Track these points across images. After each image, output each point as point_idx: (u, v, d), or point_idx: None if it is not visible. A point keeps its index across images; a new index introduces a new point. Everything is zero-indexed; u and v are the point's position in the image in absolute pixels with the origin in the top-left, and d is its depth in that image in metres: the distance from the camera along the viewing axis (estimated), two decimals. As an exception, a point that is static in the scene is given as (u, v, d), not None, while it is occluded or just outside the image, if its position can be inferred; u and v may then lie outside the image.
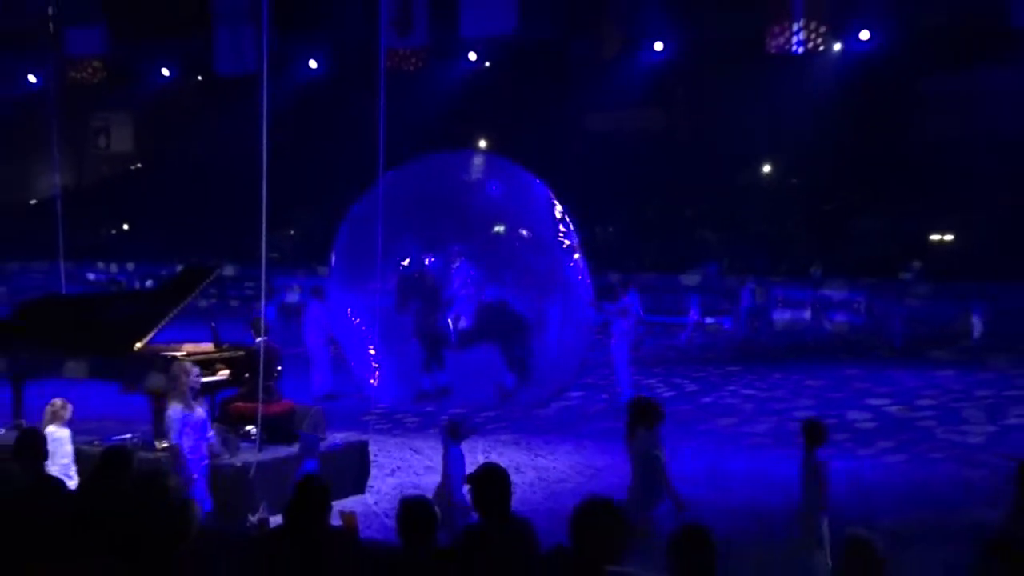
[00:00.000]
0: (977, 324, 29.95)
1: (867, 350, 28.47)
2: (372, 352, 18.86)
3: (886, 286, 33.59)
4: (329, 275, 20.89)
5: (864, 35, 32.30)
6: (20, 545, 5.11)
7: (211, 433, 12.22)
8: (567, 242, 19.60)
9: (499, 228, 19.37)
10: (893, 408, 20.42)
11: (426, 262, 19.37)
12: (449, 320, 18.38)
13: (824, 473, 10.60)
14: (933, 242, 37.57)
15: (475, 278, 18.71)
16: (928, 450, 17.12)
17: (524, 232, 19.41)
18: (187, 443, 11.34)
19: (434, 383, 19.15)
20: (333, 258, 20.16)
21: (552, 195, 19.75)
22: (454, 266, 18.93)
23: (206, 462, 11.71)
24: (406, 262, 19.22)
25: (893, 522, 12.35)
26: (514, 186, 20.21)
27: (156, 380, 13.71)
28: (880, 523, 11.31)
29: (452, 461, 11.19)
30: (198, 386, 11.89)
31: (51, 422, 12.11)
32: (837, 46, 31.47)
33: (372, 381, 19.10)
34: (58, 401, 12.50)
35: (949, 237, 37.56)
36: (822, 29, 23.89)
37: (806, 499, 10.52)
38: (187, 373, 11.78)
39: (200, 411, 11.77)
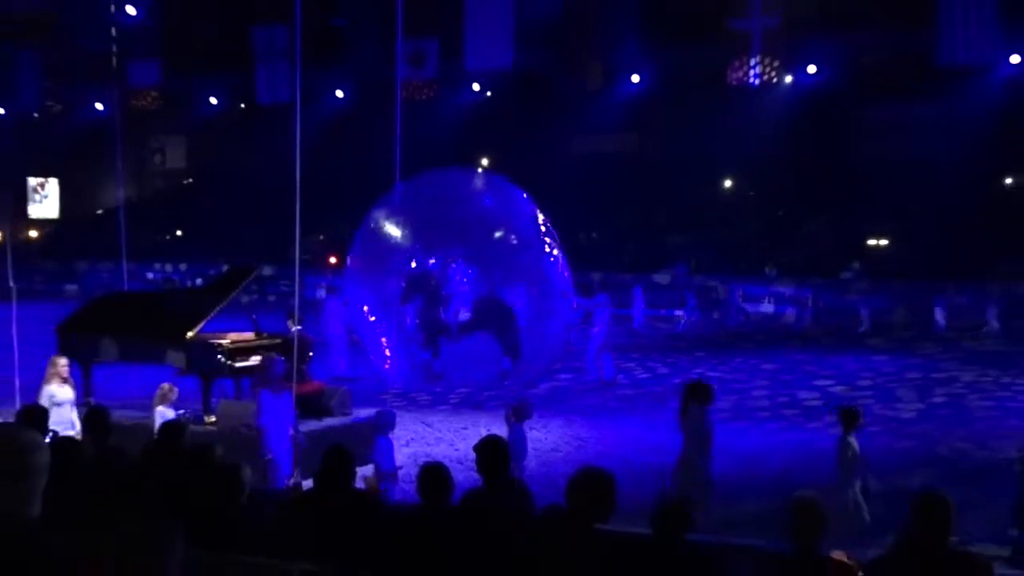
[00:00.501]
0: (900, 313, 30.02)
1: (813, 338, 28.47)
2: (384, 342, 18.81)
3: (829, 284, 33.67)
4: (346, 273, 20.83)
5: (811, 69, 32.35)
6: (87, 509, 5.08)
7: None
8: (548, 245, 19.65)
9: (498, 233, 19.40)
10: (836, 388, 20.40)
11: (430, 263, 19.38)
12: (453, 313, 18.34)
13: (856, 451, 10.45)
14: (870, 246, 37.56)
15: (470, 276, 18.70)
16: (866, 424, 17.07)
17: (512, 238, 19.44)
18: (272, 423, 11.35)
19: (435, 366, 19.18)
20: (349, 260, 20.17)
21: (535, 206, 19.75)
22: (452, 266, 18.94)
23: (289, 441, 11.67)
24: (412, 264, 19.24)
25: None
26: (503, 198, 20.23)
27: (209, 366, 13.73)
28: (825, 485, 11.26)
29: (516, 440, 11.07)
30: (283, 373, 11.87)
31: (160, 403, 12.12)
32: (788, 79, 31.49)
33: (385, 365, 19.06)
34: (166, 385, 12.51)
35: (884, 242, 37.56)
36: (776, 64, 23.86)
37: (841, 474, 10.38)
38: (273, 363, 11.81)
39: (286, 396, 11.75)
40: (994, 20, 22.63)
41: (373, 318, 18.03)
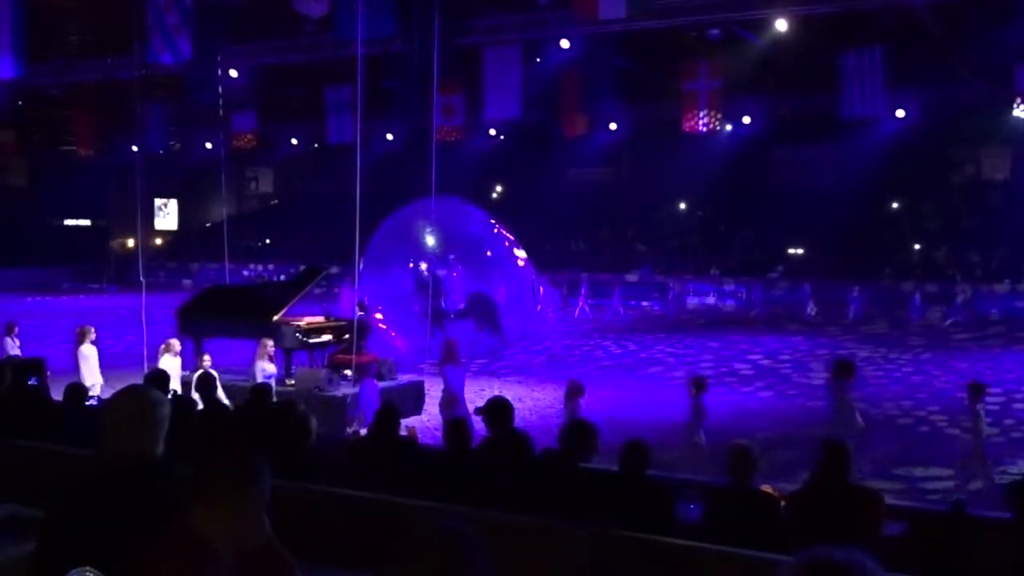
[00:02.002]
0: (812, 306, 29.93)
1: (746, 323, 28.41)
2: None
3: (758, 281, 33.61)
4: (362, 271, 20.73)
5: (746, 120, 32.25)
6: (197, 451, 5.09)
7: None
8: (518, 256, 19.78)
9: (488, 253, 19.65)
10: (764, 361, 20.36)
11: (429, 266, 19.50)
12: (451, 303, 18.28)
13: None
14: (790, 253, 37.45)
15: (462, 274, 18.66)
16: (787, 389, 17.07)
17: (488, 252, 19.59)
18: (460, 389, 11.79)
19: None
20: (362, 263, 20.13)
21: (503, 229, 19.87)
22: (450, 267, 18.95)
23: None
24: (421, 265, 19.31)
25: (764, 435, 12.30)
26: (483, 224, 20.43)
27: (290, 340, 13.74)
28: (755, 436, 11.25)
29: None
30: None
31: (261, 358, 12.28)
32: (728, 127, 31.36)
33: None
34: (269, 342, 12.64)
35: (800, 250, 37.44)
36: (718, 116, 23.75)
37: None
38: (457, 345, 12.03)
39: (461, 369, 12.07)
40: (883, 83, 22.52)
41: (380, 314, 17.86)
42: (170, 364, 12.63)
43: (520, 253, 19.50)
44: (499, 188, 50.45)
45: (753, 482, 5.51)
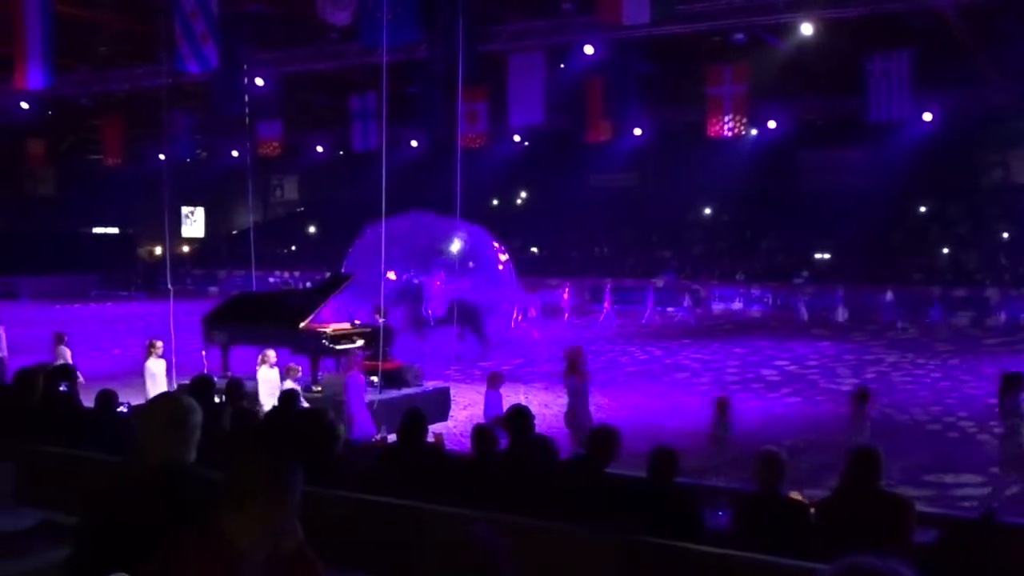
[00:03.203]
0: (843, 312, 29.73)
1: (773, 328, 28.26)
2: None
3: (784, 287, 33.43)
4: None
5: (771, 124, 32.08)
6: (227, 456, 5.11)
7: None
8: (501, 263, 19.65)
9: (471, 263, 19.68)
10: (791, 367, 20.25)
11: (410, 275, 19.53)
12: (432, 311, 18.21)
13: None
14: (816, 258, 37.23)
15: (445, 283, 18.59)
16: (814, 394, 16.97)
17: (470, 263, 19.58)
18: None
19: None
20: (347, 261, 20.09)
21: (491, 236, 19.78)
22: (434, 276, 18.90)
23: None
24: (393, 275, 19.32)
25: (791, 441, 12.23)
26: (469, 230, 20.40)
27: (316, 347, 13.80)
28: (781, 442, 11.16)
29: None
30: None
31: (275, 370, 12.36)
32: (753, 131, 31.23)
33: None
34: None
35: (827, 255, 37.21)
36: (743, 120, 23.63)
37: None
38: (585, 356, 12.22)
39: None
40: (911, 87, 22.35)
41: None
42: (156, 366, 12.76)
43: (503, 257, 19.49)
44: (523, 194, 50.49)
45: (782, 489, 5.48)
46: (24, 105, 28.10)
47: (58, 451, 5.88)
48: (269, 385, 11.97)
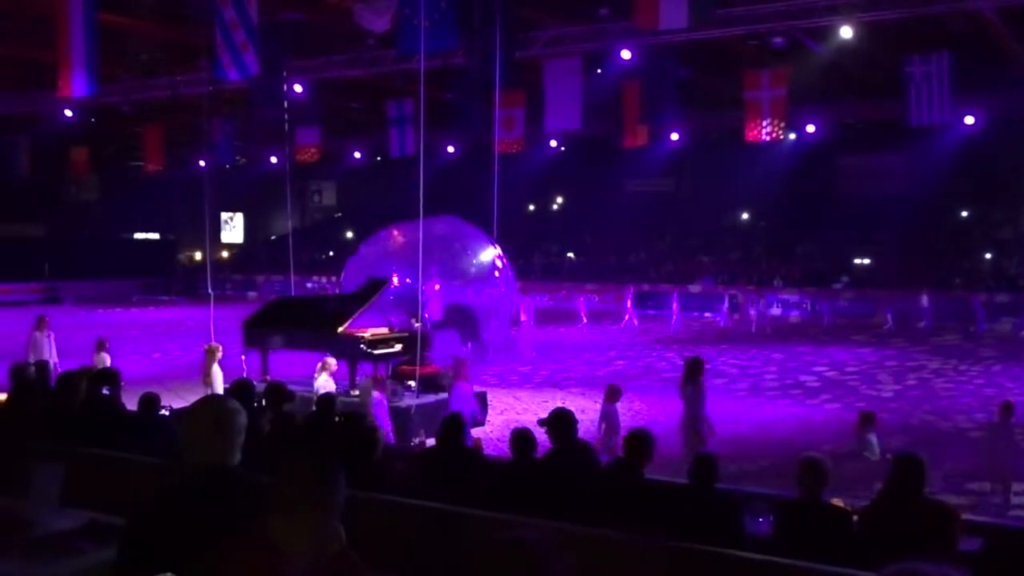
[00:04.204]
0: (888, 318, 29.38)
1: (811, 334, 28.01)
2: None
3: (823, 292, 33.14)
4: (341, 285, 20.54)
5: (810, 128, 31.78)
6: (266, 460, 5.15)
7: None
8: (498, 269, 19.45)
9: (472, 268, 19.48)
10: (830, 373, 20.05)
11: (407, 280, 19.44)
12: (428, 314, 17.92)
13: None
14: (856, 264, 36.87)
15: (443, 288, 18.33)
16: (854, 401, 16.76)
17: (472, 269, 19.38)
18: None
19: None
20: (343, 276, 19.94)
21: (493, 240, 19.54)
22: (429, 281, 18.74)
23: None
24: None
25: (831, 447, 12.09)
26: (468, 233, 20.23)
27: (355, 352, 13.84)
28: (821, 448, 11.04)
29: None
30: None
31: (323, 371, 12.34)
32: (791, 136, 30.98)
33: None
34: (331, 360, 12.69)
35: (867, 260, 36.84)
36: (781, 124, 23.43)
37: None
38: (703, 365, 11.78)
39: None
40: (951, 90, 22.07)
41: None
42: (217, 371, 12.97)
43: (500, 264, 19.37)
44: (559, 199, 50.49)
45: (824, 495, 5.42)
46: (68, 113, 28.53)
47: (104, 453, 5.96)
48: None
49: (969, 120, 28.82)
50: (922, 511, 5.12)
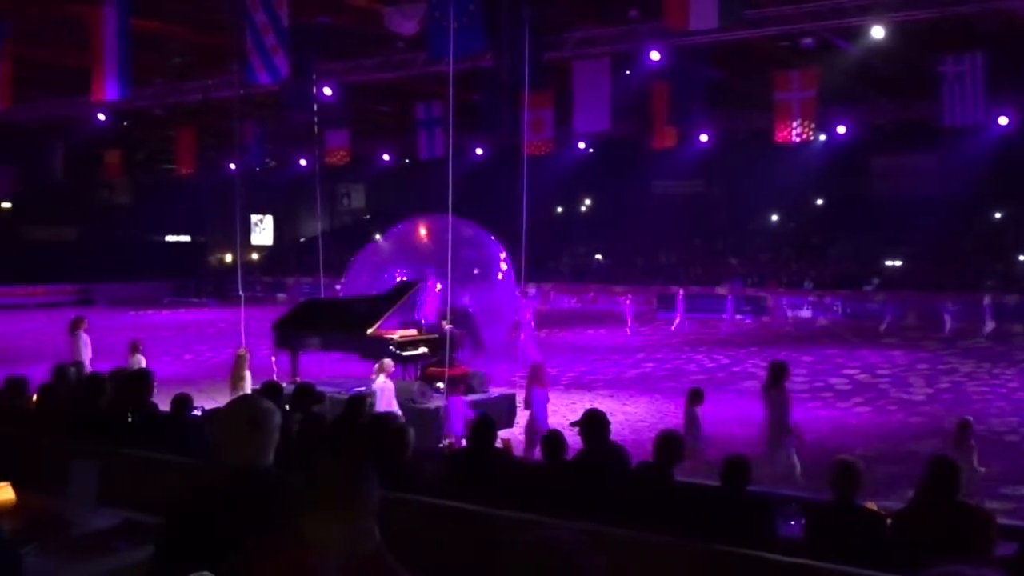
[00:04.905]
0: (948, 320, 28.82)
1: (842, 337, 27.78)
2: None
3: (854, 294, 32.89)
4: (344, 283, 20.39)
5: (841, 129, 31.48)
6: (294, 460, 5.19)
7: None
8: (502, 272, 19.28)
9: (476, 271, 19.36)
10: (861, 376, 19.89)
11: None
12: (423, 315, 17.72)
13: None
14: (887, 265, 36.55)
15: (442, 288, 18.14)
16: (885, 404, 16.64)
17: (476, 270, 19.23)
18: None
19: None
20: (344, 280, 19.79)
21: (498, 243, 19.28)
22: (428, 281, 18.62)
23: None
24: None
25: (862, 451, 12.01)
26: (478, 240, 20.07)
27: (384, 354, 13.89)
28: (853, 452, 10.96)
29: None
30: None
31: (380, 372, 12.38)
32: (822, 136, 30.72)
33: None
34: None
35: (899, 262, 36.51)
36: (812, 125, 23.26)
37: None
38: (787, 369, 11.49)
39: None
40: (984, 90, 21.81)
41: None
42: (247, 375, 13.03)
43: (503, 267, 19.26)
44: (587, 201, 50.42)
45: (857, 498, 5.39)
46: (101, 117, 28.84)
47: (138, 453, 6.02)
48: (387, 394, 12.01)
49: (1003, 121, 28.48)
50: (957, 515, 5.08)
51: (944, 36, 21.73)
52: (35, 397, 8.19)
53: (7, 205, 44.30)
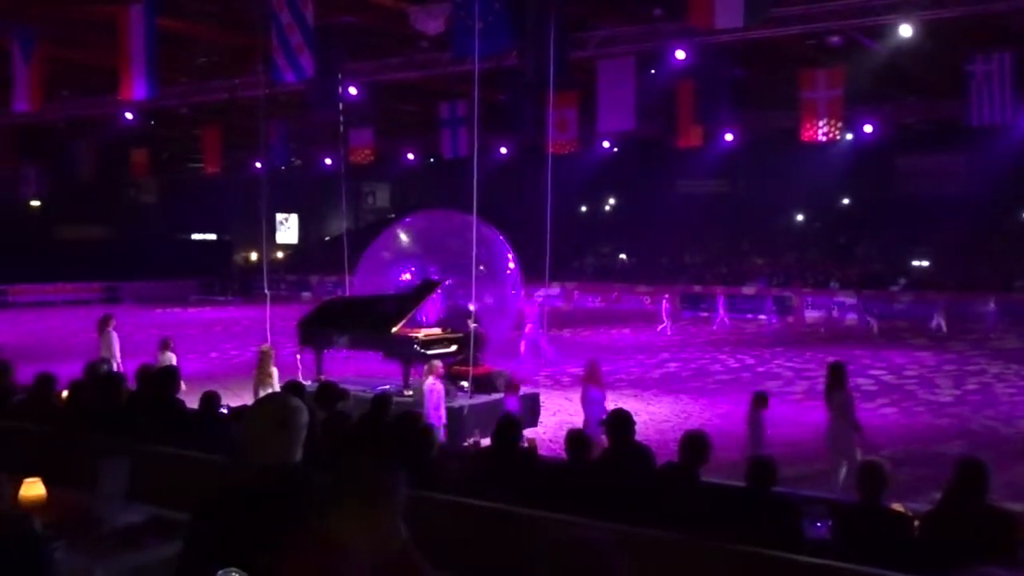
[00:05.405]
0: (941, 321, 28.80)
1: (868, 337, 27.59)
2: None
3: (880, 295, 32.65)
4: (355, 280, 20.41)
5: (868, 129, 31.20)
6: (319, 459, 5.21)
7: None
8: (509, 270, 19.16)
9: (482, 267, 19.18)
10: (887, 377, 19.74)
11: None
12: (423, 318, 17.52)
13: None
14: (914, 266, 36.26)
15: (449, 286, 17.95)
16: (912, 405, 16.51)
17: (482, 267, 19.06)
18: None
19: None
20: (356, 278, 19.78)
21: (504, 240, 19.09)
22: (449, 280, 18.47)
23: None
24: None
25: (889, 452, 11.93)
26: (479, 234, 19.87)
27: (407, 353, 13.94)
28: (879, 453, 10.88)
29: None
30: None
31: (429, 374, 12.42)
32: (849, 136, 30.47)
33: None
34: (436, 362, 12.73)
35: (925, 262, 36.21)
36: (838, 124, 23.10)
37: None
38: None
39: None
40: (1013, 89, 21.59)
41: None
42: (273, 372, 13.08)
43: (510, 265, 19.15)
44: (612, 200, 50.34)
45: (884, 500, 5.35)
46: (129, 116, 29.08)
47: (166, 450, 6.07)
48: (435, 396, 12.04)
49: (1032, 119, 28.15)
50: (986, 518, 5.04)
51: (973, 34, 21.54)
52: (66, 394, 8.27)
53: (37, 204, 44.74)
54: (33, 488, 5.17)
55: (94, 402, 7.51)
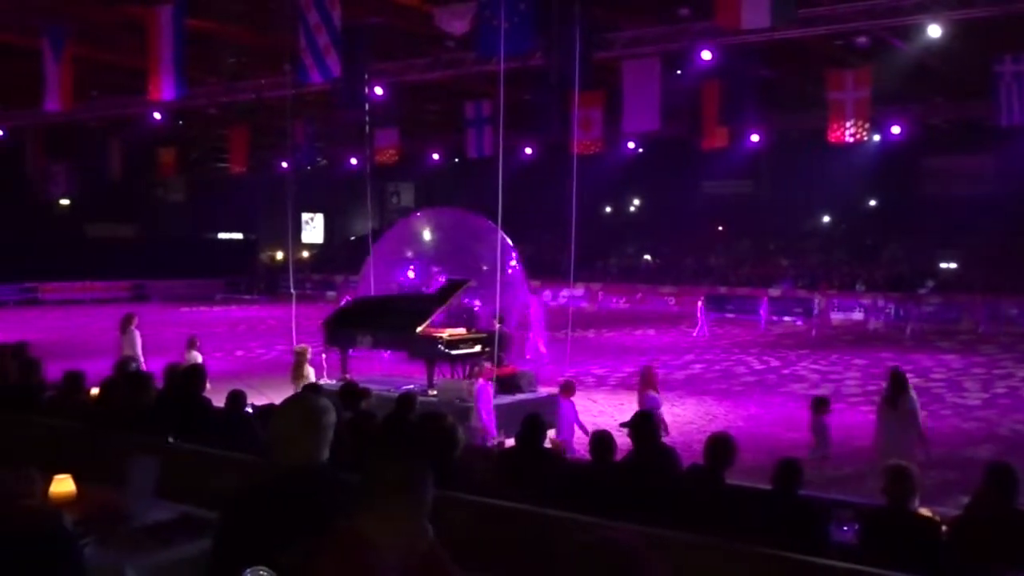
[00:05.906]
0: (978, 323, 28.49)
1: (894, 339, 27.39)
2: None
3: (907, 297, 32.40)
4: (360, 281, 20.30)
5: (895, 130, 30.93)
6: (344, 459, 5.23)
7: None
8: (511, 267, 19.02)
9: (485, 267, 19.11)
10: (914, 380, 19.47)
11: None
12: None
13: None
14: (941, 268, 35.93)
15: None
16: (939, 408, 16.34)
17: (484, 266, 18.96)
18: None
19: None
20: (362, 279, 19.73)
21: (507, 240, 18.96)
22: (435, 277, 18.37)
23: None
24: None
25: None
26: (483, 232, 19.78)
27: (432, 353, 13.97)
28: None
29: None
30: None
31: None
32: (876, 137, 30.23)
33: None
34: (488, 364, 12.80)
35: (953, 265, 35.87)
36: (866, 125, 22.94)
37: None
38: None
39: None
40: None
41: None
42: (309, 372, 13.14)
43: (513, 264, 19.05)
44: (636, 201, 50.21)
45: (912, 504, 5.31)
46: (157, 116, 29.31)
47: (196, 448, 6.11)
48: (485, 396, 12.05)
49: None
50: (1015, 523, 4.99)
51: (1002, 35, 21.33)
52: (96, 391, 8.34)
53: (67, 203, 45.21)
54: (63, 485, 5.23)
55: (124, 400, 7.57)
